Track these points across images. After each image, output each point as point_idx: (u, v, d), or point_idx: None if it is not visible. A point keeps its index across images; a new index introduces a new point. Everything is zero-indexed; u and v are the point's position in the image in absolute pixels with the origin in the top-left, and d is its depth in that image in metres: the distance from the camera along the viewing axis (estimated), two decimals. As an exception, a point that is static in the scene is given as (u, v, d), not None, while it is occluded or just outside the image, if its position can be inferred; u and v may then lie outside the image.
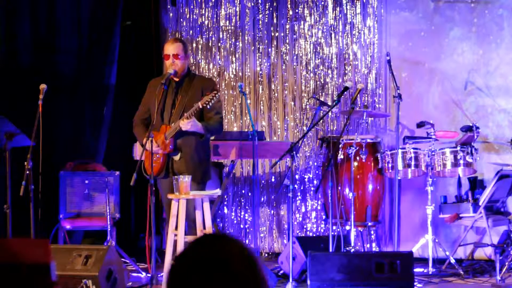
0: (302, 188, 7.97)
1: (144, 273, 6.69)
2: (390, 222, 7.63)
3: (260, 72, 8.09)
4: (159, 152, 5.80)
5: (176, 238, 5.57)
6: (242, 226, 8.07)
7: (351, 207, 6.64)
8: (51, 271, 2.12)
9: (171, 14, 8.21)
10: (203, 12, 8.15)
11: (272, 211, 8.05)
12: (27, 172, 5.74)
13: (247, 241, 7.86)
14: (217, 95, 5.62)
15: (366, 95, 7.83)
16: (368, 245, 7.51)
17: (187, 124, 5.65)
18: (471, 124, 6.83)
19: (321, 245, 6.55)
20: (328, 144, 7.16)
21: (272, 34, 8.08)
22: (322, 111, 7.03)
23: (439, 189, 7.36)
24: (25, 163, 5.75)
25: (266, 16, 8.08)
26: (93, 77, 7.84)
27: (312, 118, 7.45)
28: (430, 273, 6.63)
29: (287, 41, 8.04)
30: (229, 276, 1.78)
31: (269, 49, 8.08)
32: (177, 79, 5.91)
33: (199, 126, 5.73)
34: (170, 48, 5.87)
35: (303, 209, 7.96)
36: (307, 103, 7.96)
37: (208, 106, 5.61)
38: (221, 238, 1.86)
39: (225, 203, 8.05)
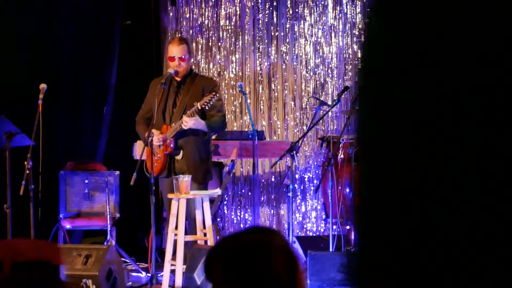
0: (302, 188, 7.97)
1: (144, 273, 6.69)
2: (390, 221, 7.63)
3: (260, 72, 8.09)
4: (160, 143, 5.79)
5: (176, 237, 5.57)
6: (242, 226, 8.06)
7: (351, 207, 6.64)
8: (59, 271, 2.11)
9: (171, 14, 8.21)
10: (203, 11, 8.15)
11: (272, 211, 8.05)
12: (27, 172, 5.74)
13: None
14: (216, 95, 5.61)
15: (366, 94, 7.82)
16: (368, 245, 7.51)
17: (189, 121, 5.64)
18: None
19: (321, 245, 6.55)
20: (328, 144, 7.15)
21: (272, 33, 8.08)
22: (322, 111, 7.03)
23: (439, 189, 7.36)
24: (25, 163, 5.75)
25: (266, 15, 8.08)
26: (93, 77, 7.83)
27: (312, 118, 7.45)
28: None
29: (287, 40, 8.04)
30: (267, 264, 1.86)
31: (269, 49, 8.07)
32: (179, 79, 5.91)
33: (202, 123, 5.72)
34: (176, 50, 5.86)
35: (303, 209, 7.96)
36: (307, 103, 7.96)
37: (206, 107, 5.61)
38: (264, 230, 1.97)
39: (225, 203, 8.05)
